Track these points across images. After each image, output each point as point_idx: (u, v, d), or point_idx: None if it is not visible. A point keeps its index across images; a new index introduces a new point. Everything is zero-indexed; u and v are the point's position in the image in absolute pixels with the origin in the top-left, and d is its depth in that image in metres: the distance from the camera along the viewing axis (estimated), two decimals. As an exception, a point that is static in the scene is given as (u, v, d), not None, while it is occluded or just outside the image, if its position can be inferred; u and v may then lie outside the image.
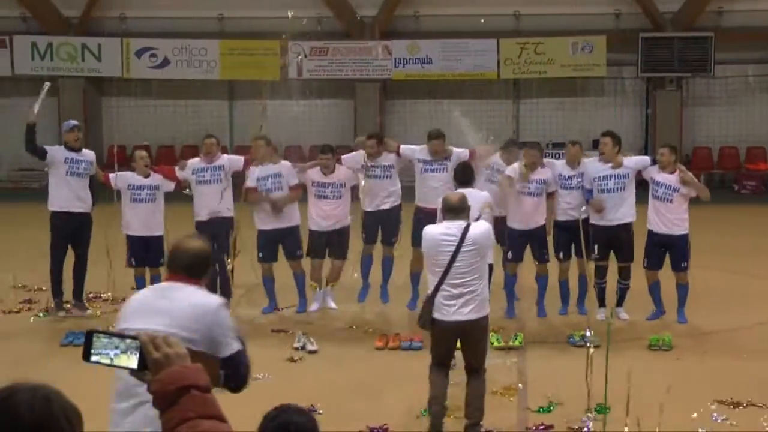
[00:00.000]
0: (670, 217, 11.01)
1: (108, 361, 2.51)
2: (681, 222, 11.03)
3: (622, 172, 11.22)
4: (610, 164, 11.24)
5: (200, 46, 25.62)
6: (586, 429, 7.77)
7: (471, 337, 7.74)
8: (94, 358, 2.51)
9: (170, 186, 12.04)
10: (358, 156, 11.92)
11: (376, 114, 25.54)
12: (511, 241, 11.48)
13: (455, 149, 11.62)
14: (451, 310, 7.59)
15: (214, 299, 4.99)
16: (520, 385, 8.94)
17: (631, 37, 24.53)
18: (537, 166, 11.42)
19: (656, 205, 11.07)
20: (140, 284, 12.07)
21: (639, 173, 11.35)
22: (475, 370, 7.79)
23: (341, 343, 10.53)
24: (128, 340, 2.51)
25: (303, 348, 10.14)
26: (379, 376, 9.30)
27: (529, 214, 11.41)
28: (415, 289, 11.62)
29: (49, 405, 2.22)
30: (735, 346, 10.31)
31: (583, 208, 10.96)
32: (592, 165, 11.39)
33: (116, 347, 2.50)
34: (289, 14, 11.71)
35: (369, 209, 11.89)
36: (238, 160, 12.18)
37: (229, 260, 11.35)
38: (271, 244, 11.78)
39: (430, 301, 7.69)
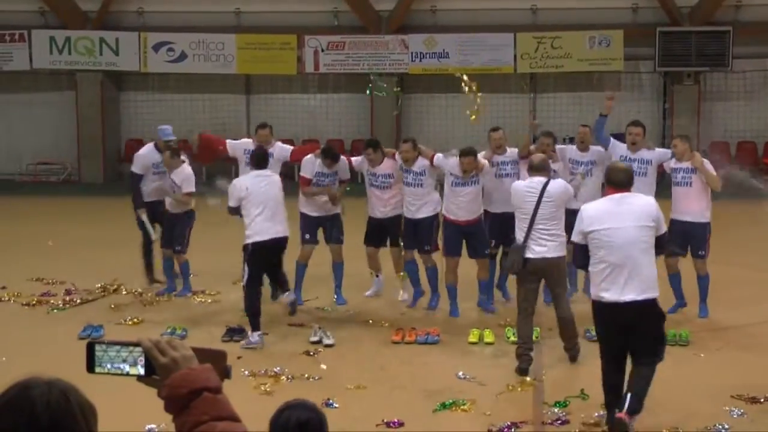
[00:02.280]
0: (690, 204, 11.02)
1: (113, 371, 2.46)
2: (701, 210, 11.03)
3: (647, 157, 11.29)
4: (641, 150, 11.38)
5: (217, 41, 25.65)
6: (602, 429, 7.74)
7: (553, 270, 9.25)
8: (98, 370, 2.47)
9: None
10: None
11: (392, 108, 25.51)
12: None
13: (485, 162, 11.39)
14: (539, 250, 9.08)
15: (652, 198, 8.02)
16: (536, 379, 8.93)
17: (649, 31, 24.44)
18: (548, 154, 11.49)
19: (677, 192, 11.14)
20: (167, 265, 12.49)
21: (661, 167, 11.41)
22: (558, 295, 9.40)
23: (358, 337, 10.54)
24: (131, 348, 2.46)
25: (319, 342, 10.15)
26: (395, 370, 9.31)
27: None
28: (454, 303, 11.45)
29: (66, 400, 2.21)
30: (753, 342, 10.27)
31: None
32: (620, 145, 11.51)
33: (120, 356, 2.46)
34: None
35: (405, 216, 11.76)
36: (286, 149, 12.33)
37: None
38: (315, 227, 11.97)
39: (522, 246, 9.11)
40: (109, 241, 16.24)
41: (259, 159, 10.88)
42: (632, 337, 7.33)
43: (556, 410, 8.01)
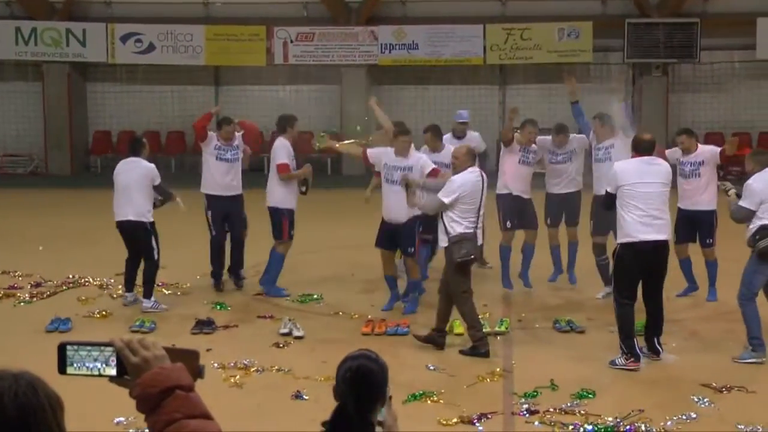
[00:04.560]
0: (698, 194, 11.29)
1: (85, 372, 2.45)
2: (708, 198, 11.22)
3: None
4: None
5: (186, 32, 25.52)
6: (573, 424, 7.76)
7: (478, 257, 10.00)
8: (70, 370, 2.45)
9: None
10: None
11: (362, 100, 25.49)
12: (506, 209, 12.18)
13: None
14: (479, 239, 9.67)
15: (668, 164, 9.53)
16: (506, 370, 8.94)
17: (617, 22, 24.55)
18: (532, 142, 12.11)
19: (684, 182, 11.35)
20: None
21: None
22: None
23: (327, 328, 10.52)
24: (102, 348, 2.45)
25: (289, 333, 10.11)
26: (365, 362, 9.27)
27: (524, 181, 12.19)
28: (394, 293, 11.38)
29: (34, 392, 2.20)
30: (727, 331, 10.32)
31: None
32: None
33: (92, 356, 2.45)
34: None
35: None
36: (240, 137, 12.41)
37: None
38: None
39: (475, 236, 9.49)
40: (77, 234, 16.14)
41: (131, 146, 11.82)
42: (653, 272, 9.03)
43: (525, 401, 8.03)
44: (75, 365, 2.46)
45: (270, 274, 12.06)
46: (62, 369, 2.47)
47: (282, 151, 11.95)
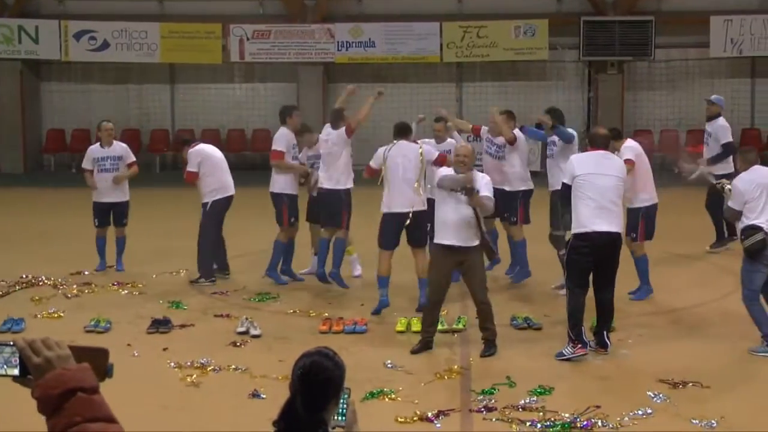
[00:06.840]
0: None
1: None
2: (632, 196, 11.29)
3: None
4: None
5: (140, 29, 25.28)
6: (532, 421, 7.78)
7: None
8: None
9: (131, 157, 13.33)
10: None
11: (319, 97, 25.45)
12: None
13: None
14: None
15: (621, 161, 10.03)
16: (464, 367, 8.95)
17: (573, 20, 24.69)
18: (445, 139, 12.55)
19: None
20: (101, 244, 13.10)
21: None
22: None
23: (284, 327, 10.47)
24: (3, 347, 2.43)
25: (246, 332, 10.06)
26: (322, 360, 9.24)
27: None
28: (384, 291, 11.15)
29: None
30: (681, 326, 10.40)
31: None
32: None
33: None
34: None
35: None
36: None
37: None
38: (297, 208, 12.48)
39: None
40: (31, 233, 15.96)
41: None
42: (604, 263, 9.22)
43: (483, 398, 8.04)
44: None
45: (271, 261, 12.34)
46: None
47: (281, 139, 12.30)
